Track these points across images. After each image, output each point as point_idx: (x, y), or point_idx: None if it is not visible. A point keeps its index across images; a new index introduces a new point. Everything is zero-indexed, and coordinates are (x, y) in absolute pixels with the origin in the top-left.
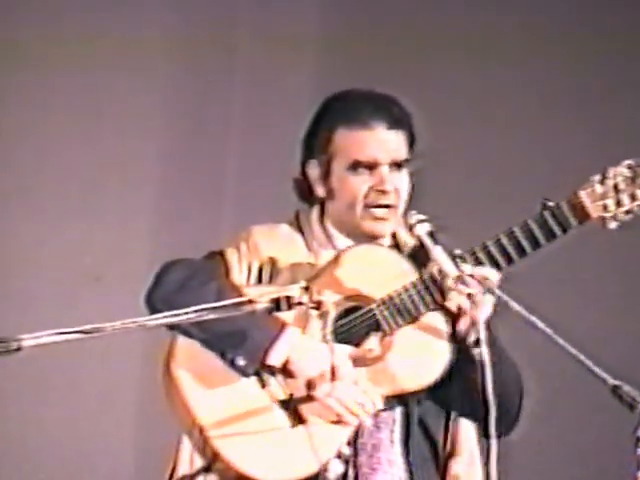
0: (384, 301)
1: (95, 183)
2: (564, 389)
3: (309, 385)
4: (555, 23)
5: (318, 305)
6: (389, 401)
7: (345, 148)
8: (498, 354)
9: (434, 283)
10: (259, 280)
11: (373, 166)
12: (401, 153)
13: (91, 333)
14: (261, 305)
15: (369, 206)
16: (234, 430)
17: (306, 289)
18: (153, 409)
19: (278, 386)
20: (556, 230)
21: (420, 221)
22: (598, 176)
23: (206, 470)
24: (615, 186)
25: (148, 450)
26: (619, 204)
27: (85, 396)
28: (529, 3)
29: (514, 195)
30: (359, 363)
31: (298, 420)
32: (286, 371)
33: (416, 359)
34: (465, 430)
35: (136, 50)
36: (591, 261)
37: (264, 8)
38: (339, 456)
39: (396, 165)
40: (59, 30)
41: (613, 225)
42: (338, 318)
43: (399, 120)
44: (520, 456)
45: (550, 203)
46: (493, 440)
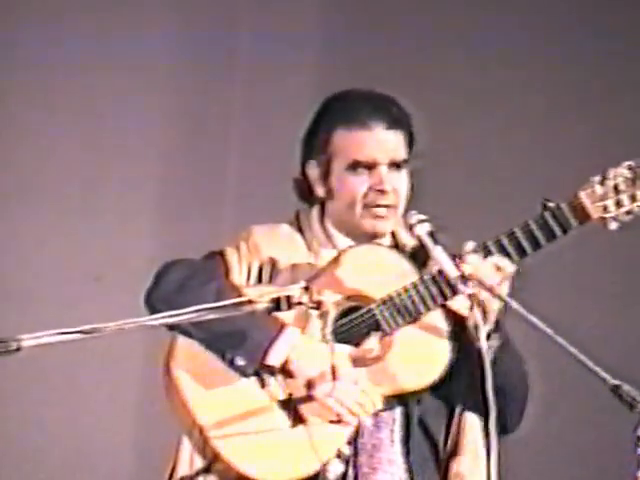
0: (384, 301)
1: (95, 183)
2: (564, 389)
3: (309, 385)
4: (555, 23)
5: (318, 305)
6: (389, 401)
7: (344, 148)
8: (510, 349)
9: (435, 283)
10: (259, 280)
11: (372, 166)
12: (400, 153)
13: (91, 333)
14: (261, 305)
15: (368, 206)
16: (234, 430)
17: (306, 289)
18: (153, 409)
19: (278, 386)
20: (556, 231)
21: (420, 221)
22: (598, 177)
23: (206, 471)
24: (615, 187)
25: (148, 450)
26: (619, 205)
27: (85, 396)
28: (529, 3)
29: (514, 195)
30: (359, 363)
31: (298, 420)
32: (286, 371)
33: (416, 359)
34: (469, 428)
35: (136, 50)
36: (591, 261)
37: (264, 8)
38: (339, 456)
39: (395, 165)
40: (59, 30)
41: (614, 226)
42: (338, 318)
43: (398, 120)
44: (520, 456)
45: (550, 204)
46: (493, 430)
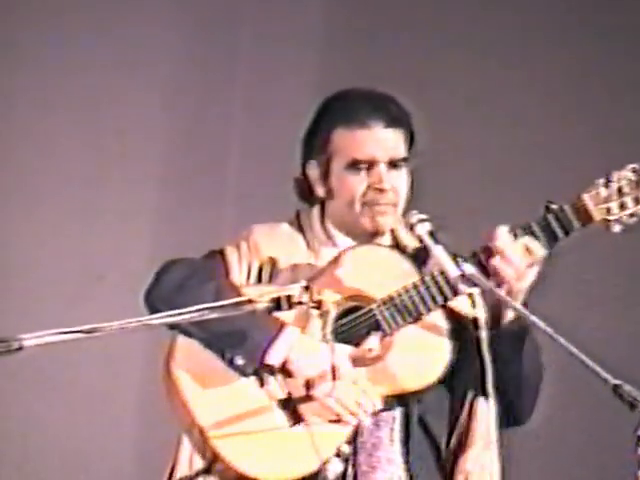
0: (384, 301)
1: (96, 183)
2: (565, 389)
3: (308, 385)
4: (555, 23)
5: (318, 305)
6: (389, 401)
7: (344, 147)
8: (532, 337)
9: (435, 284)
10: (259, 279)
11: (371, 165)
12: (399, 151)
13: (92, 333)
14: (261, 304)
15: (367, 204)
16: (233, 430)
17: (306, 288)
18: (153, 409)
19: (277, 386)
20: (559, 233)
21: (421, 220)
22: (602, 179)
23: (205, 472)
24: (619, 189)
25: (148, 450)
26: (623, 207)
27: (85, 396)
28: (529, 3)
29: (514, 195)
30: (359, 363)
31: (297, 419)
32: (285, 371)
33: (416, 359)
34: (481, 415)
35: (137, 50)
36: (594, 264)
37: (265, 8)
38: (338, 455)
39: (394, 164)
40: (59, 30)
41: (617, 228)
42: (338, 318)
43: (397, 119)
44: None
45: (553, 206)
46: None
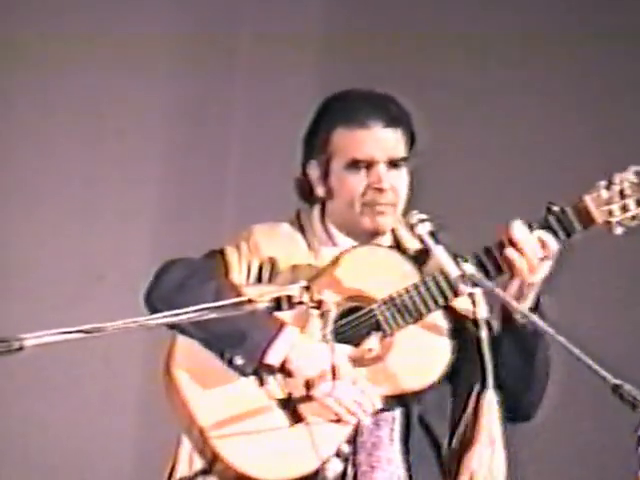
0: (385, 302)
1: (95, 183)
2: (565, 389)
3: (308, 384)
4: (555, 23)
5: (319, 304)
6: (389, 401)
7: (343, 147)
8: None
9: (436, 284)
10: (259, 279)
11: (370, 164)
12: (399, 151)
13: (92, 333)
14: (261, 304)
15: (367, 204)
16: (233, 430)
17: (307, 288)
18: (153, 409)
19: (277, 385)
20: (560, 234)
21: (421, 220)
22: (604, 181)
23: (205, 472)
24: (621, 192)
25: (148, 450)
26: (625, 209)
27: (86, 396)
28: (529, 3)
29: (514, 195)
30: (359, 363)
31: (297, 419)
32: (285, 370)
33: (416, 359)
34: (487, 408)
35: (136, 50)
36: (595, 265)
37: (265, 8)
38: (338, 454)
39: (394, 163)
40: (59, 30)
41: (619, 231)
42: (338, 318)
43: (396, 118)
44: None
45: (555, 207)
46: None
